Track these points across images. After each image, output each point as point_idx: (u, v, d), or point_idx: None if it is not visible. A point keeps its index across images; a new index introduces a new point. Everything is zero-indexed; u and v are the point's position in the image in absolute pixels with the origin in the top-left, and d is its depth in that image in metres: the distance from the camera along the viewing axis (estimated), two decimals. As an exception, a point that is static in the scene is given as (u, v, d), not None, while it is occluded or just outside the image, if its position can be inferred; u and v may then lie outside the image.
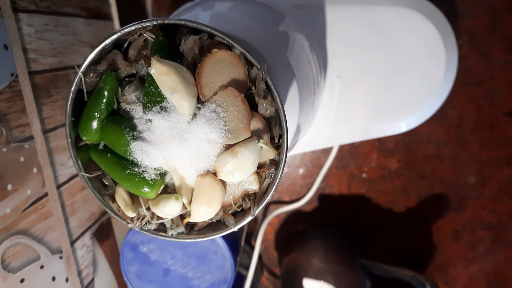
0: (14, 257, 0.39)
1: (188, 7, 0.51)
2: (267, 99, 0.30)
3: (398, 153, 0.73)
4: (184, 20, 0.29)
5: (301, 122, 0.48)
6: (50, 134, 0.45)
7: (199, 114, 0.29)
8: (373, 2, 0.58)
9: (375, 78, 0.61)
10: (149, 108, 0.29)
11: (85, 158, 0.34)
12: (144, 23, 0.29)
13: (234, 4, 0.47)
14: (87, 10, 0.55)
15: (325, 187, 0.75)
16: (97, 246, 0.53)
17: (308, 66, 0.48)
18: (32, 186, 0.42)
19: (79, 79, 0.31)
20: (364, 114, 0.63)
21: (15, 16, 0.41)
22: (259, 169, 0.32)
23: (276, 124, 0.32)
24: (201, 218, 0.32)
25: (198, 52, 0.31)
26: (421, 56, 0.60)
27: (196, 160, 0.30)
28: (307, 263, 0.70)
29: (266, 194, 0.32)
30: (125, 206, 0.33)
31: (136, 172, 0.31)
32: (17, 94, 0.41)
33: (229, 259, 0.54)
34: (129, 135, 0.31)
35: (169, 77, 0.28)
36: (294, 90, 0.43)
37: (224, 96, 0.29)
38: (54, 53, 0.47)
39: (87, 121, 0.31)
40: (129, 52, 0.32)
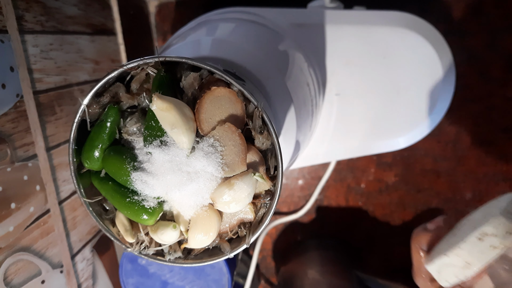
0: (16, 274, 0.41)
1: (192, 27, 0.52)
2: (263, 133, 0.31)
3: (395, 167, 0.74)
4: (185, 58, 0.30)
5: (299, 142, 0.49)
6: (54, 151, 0.47)
7: (197, 148, 0.31)
8: (371, 22, 0.59)
9: (373, 96, 0.62)
10: (149, 142, 0.31)
11: (87, 183, 0.35)
12: (147, 59, 0.30)
13: (235, 27, 0.48)
14: (91, 26, 0.56)
15: (323, 199, 0.76)
16: (97, 259, 0.55)
17: (307, 88, 0.49)
18: (35, 204, 0.43)
19: (83, 111, 0.32)
20: (363, 131, 0.64)
21: (21, 38, 0.42)
22: (254, 199, 0.33)
23: (272, 156, 0.33)
24: (198, 245, 0.33)
25: (198, 87, 0.32)
26: (419, 75, 0.61)
27: (193, 191, 0.31)
28: (304, 274, 0.71)
29: (261, 223, 0.33)
30: (125, 231, 0.34)
31: (136, 200, 0.32)
32: (22, 114, 0.42)
33: (226, 273, 0.55)
34: (129, 165, 0.32)
35: (169, 113, 0.29)
36: (291, 113, 0.44)
37: (222, 131, 0.30)
38: (58, 72, 0.48)
39: (90, 150, 0.33)
40: (131, 85, 0.33)
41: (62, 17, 0.49)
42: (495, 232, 0.33)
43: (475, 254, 0.34)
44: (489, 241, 0.34)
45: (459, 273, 0.35)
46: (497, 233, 0.33)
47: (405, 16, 0.59)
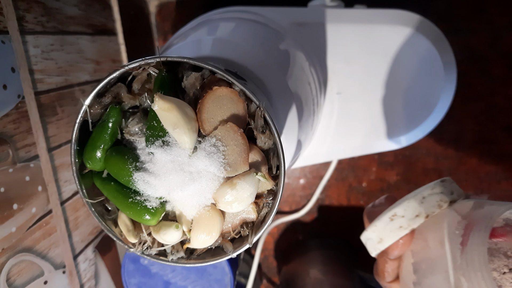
0: (19, 275, 0.41)
1: (193, 27, 0.52)
2: (266, 133, 0.31)
3: (397, 166, 0.74)
4: (187, 58, 0.30)
5: (301, 141, 0.49)
6: (55, 152, 0.47)
7: (199, 148, 0.31)
8: (372, 20, 0.59)
9: (375, 95, 0.62)
10: (151, 142, 0.31)
11: (89, 184, 0.35)
12: (148, 59, 0.30)
13: (236, 26, 0.48)
14: (92, 27, 0.56)
15: (324, 198, 0.76)
16: (99, 259, 0.55)
17: (308, 87, 0.49)
18: (37, 204, 0.43)
19: (85, 111, 0.32)
20: (364, 130, 0.63)
21: (22, 39, 0.42)
22: (257, 199, 0.33)
23: (274, 155, 0.33)
24: (200, 245, 0.33)
25: (199, 87, 0.32)
26: (420, 73, 0.61)
27: (196, 191, 0.31)
28: (306, 273, 0.71)
29: (263, 223, 0.33)
30: (127, 231, 0.34)
31: (138, 200, 0.32)
32: (23, 115, 0.42)
33: (228, 273, 0.55)
34: (131, 166, 0.32)
35: (171, 113, 0.29)
36: (293, 112, 0.44)
37: (224, 130, 0.30)
38: (59, 72, 0.48)
39: (92, 151, 0.33)
40: (133, 86, 0.33)
41: (63, 17, 0.49)
42: (404, 213, 0.38)
43: (386, 232, 0.38)
44: (398, 221, 0.38)
45: (375, 246, 0.40)
46: (406, 214, 0.38)
47: (406, 15, 0.59)
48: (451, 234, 0.35)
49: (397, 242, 0.39)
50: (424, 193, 0.38)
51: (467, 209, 0.36)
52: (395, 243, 0.39)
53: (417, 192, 0.38)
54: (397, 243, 0.39)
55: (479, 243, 0.32)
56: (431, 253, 0.37)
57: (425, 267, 0.37)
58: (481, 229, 0.33)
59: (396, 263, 0.41)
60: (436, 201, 0.37)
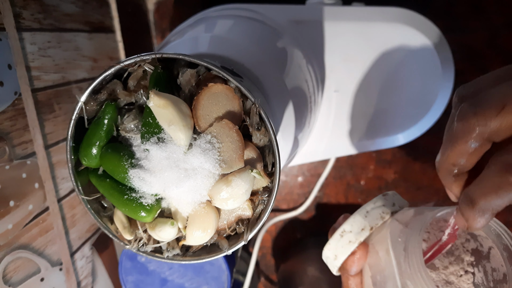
0: (15, 272, 0.41)
1: (190, 24, 0.52)
2: (261, 130, 0.31)
3: (395, 164, 0.74)
4: (182, 55, 0.30)
5: (298, 138, 0.49)
6: (52, 149, 0.47)
7: (195, 145, 0.31)
8: (370, 18, 0.59)
9: (372, 93, 0.62)
10: (147, 139, 0.31)
11: (85, 181, 0.35)
12: (144, 56, 0.30)
13: (233, 23, 0.48)
14: (89, 24, 0.56)
15: (322, 196, 0.76)
16: (96, 256, 0.55)
17: (305, 85, 0.49)
18: (33, 201, 0.43)
19: (80, 108, 0.32)
20: (362, 127, 0.63)
21: (19, 36, 0.42)
22: (252, 196, 0.33)
23: (270, 152, 0.33)
24: (196, 242, 0.33)
25: (195, 84, 0.32)
26: (418, 71, 0.61)
27: (191, 188, 0.31)
28: (303, 271, 0.71)
29: (259, 220, 0.33)
30: (123, 228, 0.34)
31: (133, 197, 0.32)
32: (20, 112, 0.42)
33: (225, 270, 0.55)
34: (127, 162, 0.32)
35: (166, 110, 0.29)
36: (290, 110, 0.44)
37: (219, 127, 0.30)
38: (56, 69, 0.48)
39: (87, 148, 0.33)
40: (128, 82, 0.33)
41: (60, 14, 0.49)
42: (351, 229, 0.40)
43: (339, 249, 0.40)
44: (347, 237, 0.40)
45: (332, 263, 0.41)
46: (352, 229, 0.40)
47: (404, 12, 0.59)
48: (394, 242, 0.37)
49: (353, 258, 0.40)
50: (368, 207, 0.41)
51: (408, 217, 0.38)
52: (351, 259, 0.40)
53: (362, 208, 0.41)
54: (353, 258, 0.40)
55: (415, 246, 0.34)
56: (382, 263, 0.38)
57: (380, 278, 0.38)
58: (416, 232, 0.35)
59: (358, 279, 0.41)
60: (378, 214, 0.40)
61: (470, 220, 0.30)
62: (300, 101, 0.47)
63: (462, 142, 0.29)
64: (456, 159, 0.30)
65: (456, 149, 0.30)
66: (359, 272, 0.41)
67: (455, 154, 0.30)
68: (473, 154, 0.29)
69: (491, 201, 0.27)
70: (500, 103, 0.27)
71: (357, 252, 0.40)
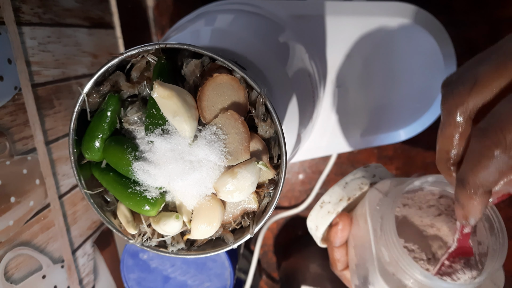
0: (17, 268, 0.40)
1: (190, 19, 0.51)
2: (267, 121, 0.31)
3: (396, 160, 0.74)
4: (186, 45, 0.29)
5: (301, 134, 0.48)
6: (53, 145, 0.46)
7: (200, 136, 0.30)
8: (372, 13, 0.59)
9: (374, 88, 0.61)
10: (151, 131, 0.30)
11: (88, 175, 0.34)
12: (147, 46, 0.30)
13: (235, 17, 0.48)
14: (89, 20, 0.55)
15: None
16: (98, 254, 0.54)
17: (308, 79, 0.49)
18: (34, 198, 0.43)
19: (83, 100, 0.31)
20: (364, 123, 0.63)
21: (18, 30, 0.42)
22: (258, 188, 0.32)
23: (275, 145, 0.32)
24: (201, 235, 0.32)
25: (199, 75, 0.31)
26: (420, 66, 0.61)
27: (196, 181, 0.31)
28: (306, 268, 0.71)
29: (265, 213, 0.33)
30: (127, 223, 0.33)
31: (137, 190, 0.32)
32: (20, 107, 0.42)
33: (228, 267, 0.54)
34: (131, 155, 0.31)
35: (171, 101, 0.29)
36: (293, 104, 0.44)
37: (224, 118, 0.30)
38: (56, 65, 0.48)
39: (90, 141, 0.32)
40: (131, 74, 0.32)
41: (60, 9, 0.49)
42: (330, 199, 0.41)
43: (319, 219, 0.42)
44: (326, 207, 0.41)
45: (314, 234, 0.43)
46: (331, 200, 0.41)
47: (405, 7, 0.59)
48: (372, 210, 0.37)
49: (336, 229, 0.40)
50: (347, 179, 0.42)
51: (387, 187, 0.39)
52: (334, 230, 0.41)
53: (342, 179, 0.42)
54: (336, 229, 0.41)
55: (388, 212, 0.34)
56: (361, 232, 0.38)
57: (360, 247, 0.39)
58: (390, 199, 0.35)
59: (343, 250, 0.42)
60: (357, 185, 0.41)
61: (465, 205, 0.29)
62: (303, 96, 0.46)
63: (447, 125, 0.29)
64: (448, 145, 0.30)
65: (444, 134, 0.30)
66: (344, 244, 0.42)
67: (445, 140, 0.30)
68: (461, 137, 0.29)
69: (479, 174, 0.27)
70: (472, 80, 0.27)
71: (339, 223, 0.40)
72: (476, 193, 0.28)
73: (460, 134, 0.29)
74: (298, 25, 0.56)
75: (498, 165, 0.26)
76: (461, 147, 0.29)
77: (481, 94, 0.27)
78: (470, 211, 0.29)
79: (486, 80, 0.27)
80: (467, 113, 0.28)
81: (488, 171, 0.26)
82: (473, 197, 0.28)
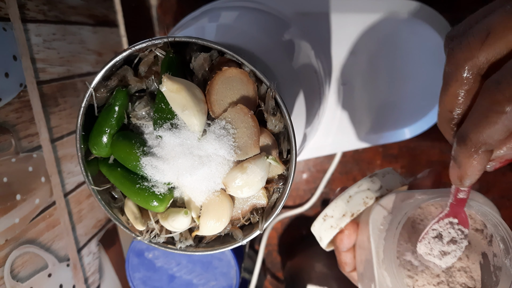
0: (23, 266, 0.40)
1: (194, 16, 0.51)
2: (276, 115, 0.31)
3: (401, 158, 0.73)
4: (195, 38, 0.29)
5: (307, 131, 0.48)
6: (58, 143, 0.46)
7: (209, 131, 0.30)
8: (377, 10, 0.58)
9: (379, 85, 0.61)
10: (159, 125, 0.30)
11: (95, 171, 0.34)
12: (155, 40, 0.30)
13: (240, 14, 0.48)
14: (93, 17, 0.55)
15: (328, 192, 0.76)
16: (103, 253, 0.54)
17: (314, 76, 0.49)
18: (40, 195, 0.43)
19: (90, 95, 0.31)
20: (369, 121, 0.63)
21: (24, 27, 0.42)
22: (267, 184, 0.32)
23: (285, 139, 0.32)
24: (209, 231, 0.32)
25: (208, 69, 0.31)
26: (425, 64, 0.61)
27: (205, 176, 0.30)
28: (311, 268, 0.70)
29: (274, 209, 0.32)
30: (134, 219, 0.33)
31: (145, 186, 0.31)
32: (26, 104, 0.41)
33: (234, 266, 0.54)
34: (139, 150, 0.31)
35: (179, 95, 0.28)
36: (300, 100, 0.43)
37: (233, 113, 0.30)
38: (61, 62, 0.47)
39: (98, 136, 0.32)
40: (139, 68, 0.32)
41: (64, 7, 0.49)
42: (333, 214, 0.40)
43: (322, 232, 0.41)
44: (329, 221, 0.40)
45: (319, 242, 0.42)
46: (334, 215, 0.40)
47: (410, 4, 0.58)
48: (375, 230, 0.36)
49: (342, 236, 0.40)
50: (351, 191, 0.40)
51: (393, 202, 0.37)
52: (339, 237, 0.40)
53: (346, 192, 0.40)
54: (341, 237, 0.40)
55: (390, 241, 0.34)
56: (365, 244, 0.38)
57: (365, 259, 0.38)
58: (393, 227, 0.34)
59: (351, 254, 0.41)
60: (361, 199, 0.39)
61: (463, 164, 0.27)
62: (310, 93, 0.46)
63: (454, 82, 0.27)
64: (452, 103, 0.27)
65: (449, 91, 0.27)
66: (351, 248, 0.41)
67: (450, 98, 0.27)
68: (468, 94, 0.27)
69: (484, 131, 0.24)
70: (484, 32, 0.25)
71: (345, 230, 0.40)
72: (477, 152, 0.26)
73: (467, 92, 0.26)
74: (303, 22, 0.56)
75: (507, 123, 0.24)
76: (466, 105, 0.27)
77: (494, 47, 0.25)
78: (466, 170, 0.27)
79: (501, 31, 0.24)
80: (476, 68, 0.26)
81: (495, 128, 0.24)
82: (473, 156, 0.26)
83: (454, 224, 0.33)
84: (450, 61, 0.27)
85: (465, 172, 0.27)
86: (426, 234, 0.33)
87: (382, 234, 0.35)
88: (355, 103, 0.62)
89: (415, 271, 0.35)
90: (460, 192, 0.31)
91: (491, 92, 0.24)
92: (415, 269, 0.35)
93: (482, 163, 0.26)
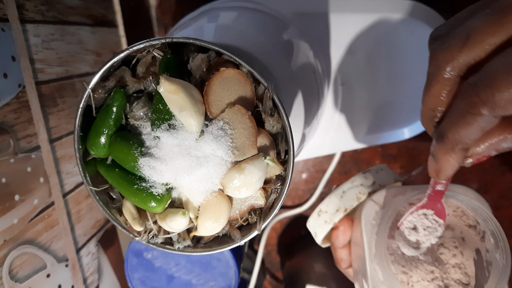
0: (21, 267, 0.40)
1: (193, 17, 0.51)
2: (274, 116, 0.31)
3: (400, 159, 0.73)
4: (192, 39, 0.29)
5: (306, 131, 0.48)
6: (56, 143, 0.46)
7: (206, 132, 0.30)
8: (376, 10, 0.58)
9: (378, 85, 0.61)
10: (157, 126, 0.30)
11: (93, 171, 0.34)
12: (153, 41, 0.30)
13: (239, 14, 0.48)
14: (92, 18, 0.55)
15: (328, 192, 0.76)
16: (102, 253, 0.54)
17: (313, 76, 0.49)
18: (38, 196, 0.43)
19: (88, 95, 0.31)
20: (368, 121, 0.63)
21: (22, 27, 0.42)
22: (265, 184, 0.32)
23: (283, 140, 0.32)
24: (207, 232, 0.32)
25: (205, 69, 0.31)
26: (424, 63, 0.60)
27: (203, 176, 0.30)
28: (310, 268, 0.70)
29: (272, 209, 0.32)
30: (133, 219, 0.33)
31: (143, 187, 0.31)
32: (24, 104, 0.41)
33: (232, 266, 0.54)
34: (137, 151, 0.31)
35: (177, 95, 0.28)
36: (299, 101, 0.43)
37: (231, 113, 0.30)
38: (60, 62, 0.47)
39: (96, 137, 0.32)
40: (137, 69, 0.32)
41: (63, 7, 0.49)
42: (327, 209, 0.40)
43: (317, 228, 0.41)
44: (323, 217, 0.40)
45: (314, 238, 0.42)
46: (328, 210, 0.40)
47: (409, 4, 0.58)
48: (367, 225, 0.37)
49: (337, 232, 0.40)
50: (345, 187, 0.41)
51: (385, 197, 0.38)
52: (334, 233, 0.40)
53: (339, 187, 0.41)
54: (337, 233, 0.40)
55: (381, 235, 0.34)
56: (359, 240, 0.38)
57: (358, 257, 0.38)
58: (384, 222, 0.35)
59: (346, 250, 0.41)
60: (354, 194, 0.40)
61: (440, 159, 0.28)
62: (308, 93, 0.46)
63: (435, 82, 0.28)
64: (433, 102, 0.28)
65: (431, 91, 0.28)
66: (346, 244, 0.41)
67: (432, 97, 0.28)
68: (449, 94, 0.28)
69: (460, 131, 0.26)
70: (464, 34, 0.26)
71: (340, 226, 0.40)
72: (453, 149, 0.27)
73: (448, 92, 0.27)
74: (302, 22, 0.56)
75: (482, 124, 0.25)
76: (447, 104, 0.28)
77: (473, 50, 0.26)
78: (443, 165, 0.28)
79: (480, 36, 0.25)
80: (456, 70, 0.27)
81: (470, 128, 0.25)
82: (449, 153, 0.27)
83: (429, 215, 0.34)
84: (432, 62, 0.28)
85: (442, 167, 0.28)
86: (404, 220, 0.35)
87: (374, 229, 0.36)
88: (354, 103, 0.62)
89: (409, 267, 0.35)
90: (437, 185, 0.33)
91: (468, 94, 0.25)
92: (410, 265, 0.35)
93: (458, 160, 0.28)
